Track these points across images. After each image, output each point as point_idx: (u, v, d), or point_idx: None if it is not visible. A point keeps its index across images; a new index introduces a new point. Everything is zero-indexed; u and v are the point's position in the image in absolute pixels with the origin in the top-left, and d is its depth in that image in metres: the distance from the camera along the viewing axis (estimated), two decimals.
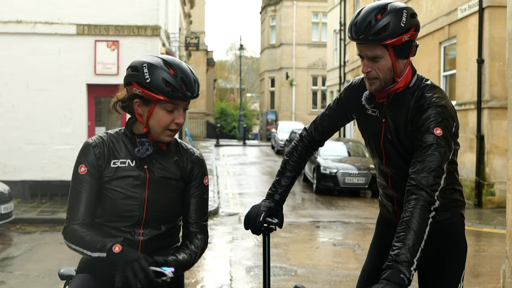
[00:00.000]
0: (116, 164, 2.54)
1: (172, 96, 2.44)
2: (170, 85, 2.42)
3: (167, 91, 2.42)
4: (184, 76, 2.46)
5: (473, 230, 11.70)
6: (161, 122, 2.49)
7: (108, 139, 2.59)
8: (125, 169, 2.54)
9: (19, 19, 14.30)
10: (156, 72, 2.44)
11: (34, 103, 14.25)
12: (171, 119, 2.49)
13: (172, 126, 2.51)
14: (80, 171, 2.52)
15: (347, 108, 3.06)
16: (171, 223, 2.64)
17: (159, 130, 2.51)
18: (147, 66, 2.48)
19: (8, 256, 9.02)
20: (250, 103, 63.76)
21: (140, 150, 2.53)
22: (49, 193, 14.31)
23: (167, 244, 2.65)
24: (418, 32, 2.74)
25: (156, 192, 2.56)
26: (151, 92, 2.44)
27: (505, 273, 5.92)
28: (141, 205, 2.53)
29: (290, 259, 8.97)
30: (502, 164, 13.55)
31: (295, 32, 42.95)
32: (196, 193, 2.69)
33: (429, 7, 17.57)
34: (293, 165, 3.14)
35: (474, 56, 14.32)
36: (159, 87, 2.42)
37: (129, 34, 14.49)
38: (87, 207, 2.51)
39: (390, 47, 2.67)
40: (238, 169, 22.57)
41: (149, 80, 2.44)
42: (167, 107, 2.47)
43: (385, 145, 2.86)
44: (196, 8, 44.02)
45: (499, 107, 13.66)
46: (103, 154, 2.54)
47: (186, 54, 29.47)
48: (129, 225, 2.53)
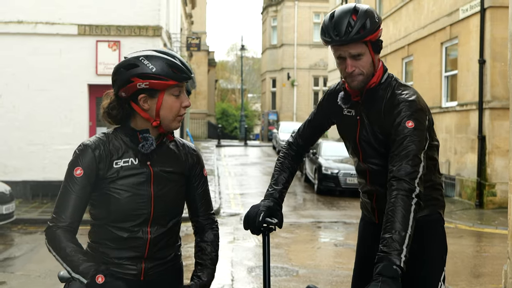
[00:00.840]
0: (119, 164, 2.51)
1: (180, 79, 2.45)
2: (175, 68, 2.43)
3: (175, 74, 2.43)
4: (178, 58, 2.49)
5: (475, 230, 11.69)
6: (173, 109, 2.49)
7: (107, 140, 2.55)
8: (128, 168, 2.51)
9: (20, 20, 14.31)
10: (158, 61, 2.44)
11: (35, 103, 14.25)
12: (180, 104, 2.51)
13: (182, 111, 2.52)
14: (76, 173, 2.49)
15: (327, 113, 3.19)
16: (176, 218, 2.65)
17: (171, 117, 2.50)
18: (145, 58, 2.45)
19: (9, 257, 9.02)
20: (252, 104, 63.77)
21: (144, 145, 2.50)
22: (50, 194, 14.31)
23: (171, 241, 2.65)
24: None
25: (161, 187, 2.55)
26: (160, 80, 2.42)
27: (506, 274, 5.91)
28: (149, 202, 2.51)
29: (292, 259, 8.96)
30: (503, 164, 13.54)
31: (297, 32, 42.93)
32: (200, 185, 2.72)
33: (430, 7, 17.55)
34: (288, 166, 3.24)
35: (476, 56, 14.31)
36: (168, 73, 2.42)
37: (131, 35, 14.50)
38: (75, 210, 2.47)
39: (369, 44, 2.83)
40: (239, 170, 22.57)
41: (155, 69, 2.42)
42: (174, 91, 2.48)
43: (361, 141, 2.97)
44: (197, 9, 44.02)
45: (500, 107, 13.65)
46: (104, 156, 2.50)
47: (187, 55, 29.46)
48: (136, 224, 2.51)
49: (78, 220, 2.49)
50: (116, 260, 2.52)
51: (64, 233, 2.43)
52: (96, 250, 2.57)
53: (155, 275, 2.58)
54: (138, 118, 2.54)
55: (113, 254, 2.52)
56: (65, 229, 2.44)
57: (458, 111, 15.50)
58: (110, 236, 2.51)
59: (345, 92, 2.99)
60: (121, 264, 2.52)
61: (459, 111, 15.41)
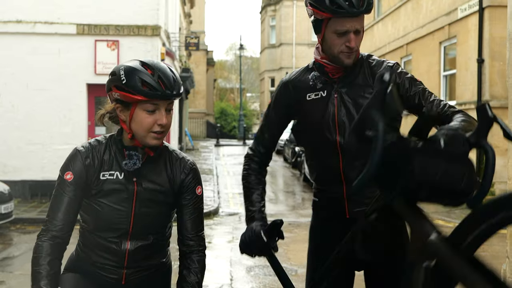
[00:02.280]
0: (105, 176, 2.47)
1: (150, 96, 2.35)
2: (147, 84, 2.34)
3: (144, 90, 2.34)
4: (161, 74, 2.38)
5: None
6: (143, 124, 2.39)
7: (98, 149, 2.51)
8: (112, 182, 2.47)
9: (19, 19, 14.30)
10: (132, 73, 2.36)
11: (34, 103, 14.25)
12: (153, 121, 2.39)
13: (156, 128, 2.40)
14: (66, 177, 2.45)
15: (286, 105, 2.96)
16: (159, 233, 2.60)
17: (142, 133, 2.41)
18: (123, 68, 2.40)
19: (8, 256, 9.02)
20: (250, 103, 63.75)
21: (127, 163, 2.46)
22: (49, 193, 14.30)
23: (156, 252, 2.62)
24: None
25: (144, 205, 2.50)
26: (128, 93, 2.36)
27: (505, 273, 5.92)
28: (128, 219, 2.48)
29: (291, 258, 8.96)
30: (502, 163, 13.54)
31: (295, 32, 42.95)
32: (189, 203, 2.61)
33: (429, 6, 17.57)
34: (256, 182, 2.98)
35: (474, 56, 14.32)
36: (136, 87, 2.34)
37: (129, 34, 14.50)
38: (67, 213, 2.43)
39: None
40: (238, 169, 22.56)
41: (125, 81, 2.36)
42: (147, 107, 2.38)
43: (340, 119, 2.75)
44: (196, 8, 44.02)
45: (499, 106, 13.65)
46: (93, 166, 2.47)
47: (186, 54, 29.46)
48: (116, 236, 2.50)
49: (69, 224, 2.45)
50: (99, 264, 2.54)
51: (49, 245, 2.41)
52: (82, 251, 2.60)
53: (137, 280, 2.58)
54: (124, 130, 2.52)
55: (96, 258, 2.54)
56: (51, 240, 2.41)
57: None
58: (94, 241, 2.52)
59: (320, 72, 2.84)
60: (103, 268, 2.54)
61: None
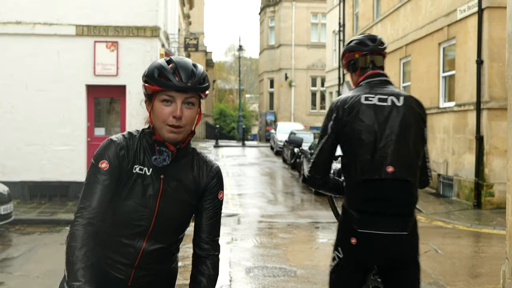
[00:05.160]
0: (136, 170, 2.46)
1: (163, 85, 2.38)
2: (163, 74, 2.39)
3: (159, 80, 2.39)
4: (179, 66, 2.41)
5: (473, 231, 11.71)
6: (159, 115, 2.41)
7: (131, 141, 2.50)
8: (141, 176, 2.46)
9: (18, 20, 14.30)
10: (153, 65, 2.44)
11: (33, 104, 14.25)
12: (169, 112, 2.40)
13: (170, 120, 2.40)
14: (101, 166, 2.41)
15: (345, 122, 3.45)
16: (175, 237, 2.59)
17: (158, 124, 2.42)
18: (151, 64, 2.48)
19: (7, 257, 9.01)
20: (249, 104, 63.78)
21: (157, 159, 2.45)
22: (48, 194, 14.31)
23: (167, 256, 2.61)
24: None
25: (168, 204, 2.49)
26: (147, 83, 2.43)
27: (505, 274, 5.92)
28: (150, 216, 2.47)
29: (290, 260, 8.96)
30: (501, 165, 13.55)
31: (294, 33, 42.95)
32: (210, 207, 2.59)
33: (428, 8, 17.58)
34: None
35: (474, 57, 14.33)
36: (152, 77, 2.40)
37: (129, 35, 14.50)
38: (102, 201, 2.39)
39: None
40: (237, 170, 22.56)
41: (146, 72, 2.44)
42: (162, 98, 2.40)
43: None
44: (195, 9, 44.03)
45: (498, 108, 13.66)
46: (126, 158, 2.46)
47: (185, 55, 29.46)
48: (133, 233, 2.47)
49: (103, 214, 2.40)
50: (110, 261, 2.51)
51: (85, 233, 2.34)
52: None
53: (144, 283, 2.56)
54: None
55: (106, 253, 2.50)
56: (86, 227, 2.35)
57: (456, 112, 15.51)
58: (107, 237, 2.48)
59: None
60: (113, 265, 2.51)
61: (457, 112, 15.42)
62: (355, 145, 3.22)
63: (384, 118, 3.25)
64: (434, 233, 11.53)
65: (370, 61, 3.49)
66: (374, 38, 3.55)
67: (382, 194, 3.16)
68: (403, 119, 3.26)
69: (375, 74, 3.45)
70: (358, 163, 3.20)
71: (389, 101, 3.29)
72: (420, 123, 3.37)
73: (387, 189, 3.17)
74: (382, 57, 3.54)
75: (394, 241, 3.16)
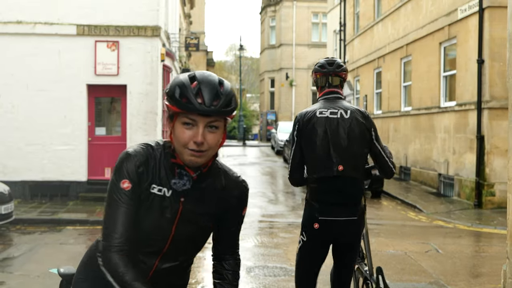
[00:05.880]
0: (154, 190, 2.29)
1: (183, 108, 2.17)
2: (184, 95, 2.17)
3: (180, 101, 2.18)
4: (203, 87, 2.19)
5: (473, 230, 11.70)
6: (179, 139, 2.21)
7: (152, 157, 2.31)
8: (159, 198, 2.30)
9: (19, 20, 14.31)
10: (175, 84, 2.22)
11: (34, 103, 14.25)
12: (189, 136, 2.20)
13: (191, 145, 2.20)
14: (123, 186, 2.24)
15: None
16: (191, 255, 2.50)
17: (178, 148, 2.24)
18: (174, 79, 2.27)
19: (8, 257, 9.01)
20: (250, 104, 63.79)
21: (177, 183, 2.30)
22: (49, 194, 14.32)
23: (180, 273, 2.52)
24: None
25: (186, 227, 2.36)
26: (169, 104, 2.22)
27: (505, 274, 5.92)
28: (166, 239, 2.35)
29: (290, 259, 8.95)
30: (502, 164, 13.55)
31: (295, 32, 42.95)
32: (234, 223, 2.50)
33: (429, 7, 17.57)
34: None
35: (474, 56, 14.32)
36: (173, 98, 2.19)
37: (129, 35, 14.50)
38: (127, 225, 2.24)
39: None
40: (237, 170, 22.51)
41: (168, 91, 2.23)
42: (183, 120, 2.20)
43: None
44: (196, 9, 44.01)
45: (499, 107, 13.65)
46: (145, 175, 2.28)
47: (186, 55, 29.46)
48: (146, 252, 2.36)
49: (130, 236, 2.26)
50: None
51: (120, 258, 2.22)
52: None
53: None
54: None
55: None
56: (119, 253, 2.23)
57: (456, 111, 15.51)
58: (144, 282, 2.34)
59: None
60: None
61: (458, 111, 15.42)
62: (313, 149, 4.05)
63: (334, 127, 4.05)
64: (434, 232, 11.53)
65: (327, 81, 4.27)
66: (333, 62, 4.32)
67: (335, 188, 4.00)
68: (349, 128, 4.04)
69: (330, 92, 4.24)
70: (315, 164, 4.05)
71: (339, 114, 4.09)
72: (364, 130, 4.09)
73: (338, 184, 4.00)
74: (339, 78, 4.28)
75: (346, 224, 4.02)
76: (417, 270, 8.17)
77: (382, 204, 15.62)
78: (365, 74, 25.59)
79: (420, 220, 12.99)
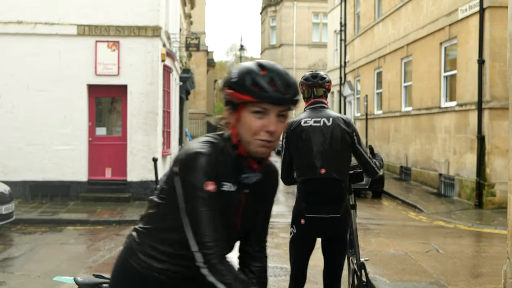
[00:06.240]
0: (225, 187, 2.22)
1: (258, 96, 2.12)
2: (257, 84, 2.13)
3: (253, 90, 2.13)
4: (275, 76, 2.15)
5: (474, 230, 11.70)
6: (250, 128, 2.15)
7: (220, 154, 2.22)
8: (226, 193, 2.22)
9: (19, 20, 14.31)
10: (244, 72, 2.17)
11: (34, 103, 14.25)
12: (261, 126, 2.14)
13: (263, 135, 2.15)
14: (209, 189, 2.13)
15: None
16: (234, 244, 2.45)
17: (248, 138, 2.17)
18: (238, 67, 2.23)
19: (9, 257, 9.01)
20: None
21: (249, 177, 2.25)
22: (49, 194, 14.32)
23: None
24: None
25: (246, 220, 2.33)
26: (237, 92, 2.15)
27: (506, 274, 5.91)
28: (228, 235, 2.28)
29: None
30: (503, 164, 13.55)
31: (296, 32, 42.96)
32: (268, 210, 2.45)
33: (429, 7, 17.57)
34: None
35: (475, 56, 14.32)
36: (245, 86, 2.13)
37: (130, 35, 14.50)
38: (219, 230, 2.16)
39: None
40: None
41: (236, 79, 2.16)
42: (255, 109, 2.15)
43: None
44: (196, 9, 44.01)
45: (499, 107, 13.65)
46: (218, 173, 2.19)
47: (186, 55, 29.45)
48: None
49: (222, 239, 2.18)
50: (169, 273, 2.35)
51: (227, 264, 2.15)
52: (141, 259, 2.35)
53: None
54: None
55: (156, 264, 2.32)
56: (221, 260, 2.14)
57: (457, 111, 15.51)
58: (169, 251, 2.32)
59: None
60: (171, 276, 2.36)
61: (458, 111, 15.41)
62: (299, 155, 4.52)
63: (317, 134, 4.46)
64: (435, 232, 11.52)
65: (311, 92, 4.68)
66: (316, 75, 4.73)
67: (319, 189, 4.39)
68: (331, 134, 4.44)
69: (315, 102, 4.67)
70: (302, 167, 4.49)
71: (321, 122, 4.50)
72: (346, 135, 4.47)
73: (322, 185, 4.39)
74: (322, 89, 4.67)
75: (330, 221, 4.39)
76: (418, 270, 8.16)
77: (383, 204, 15.62)
78: (365, 74, 25.60)
79: (421, 220, 12.98)
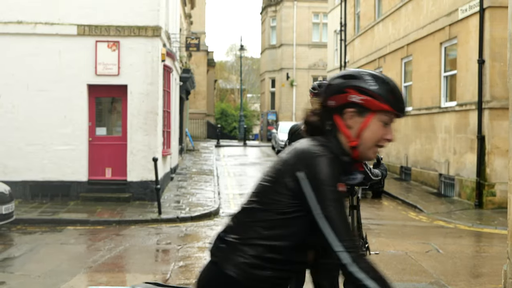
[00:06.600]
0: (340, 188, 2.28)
1: (396, 108, 2.28)
2: (395, 95, 2.28)
3: (392, 101, 2.26)
4: (398, 90, 2.32)
5: (474, 230, 11.70)
6: (375, 135, 2.28)
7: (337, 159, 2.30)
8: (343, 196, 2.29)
9: (19, 20, 14.30)
10: (380, 81, 2.28)
11: (35, 103, 14.25)
12: (383, 134, 2.30)
13: (382, 141, 2.31)
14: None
15: None
16: None
17: (370, 144, 2.30)
18: (369, 75, 2.30)
19: (9, 257, 9.01)
20: (251, 104, 63.77)
21: (356, 178, 2.37)
22: (49, 194, 14.31)
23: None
24: None
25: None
26: (376, 100, 2.25)
27: (506, 274, 5.91)
28: None
29: None
30: (503, 164, 13.54)
31: (296, 32, 42.93)
32: None
33: (429, 7, 17.57)
34: None
35: (475, 56, 14.32)
36: (386, 96, 2.25)
37: (130, 35, 14.50)
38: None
39: None
40: (238, 170, 22.55)
41: (376, 87, 2.26)
42: (383, 119, 2.28)
43: None
44: (196, 9, 44.00)
45: (499, 107, 13.65)
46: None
47: (186, 55, 29.46)
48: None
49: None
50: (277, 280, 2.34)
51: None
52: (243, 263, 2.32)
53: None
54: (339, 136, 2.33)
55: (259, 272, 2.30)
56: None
57: (457, 111, 15.51)
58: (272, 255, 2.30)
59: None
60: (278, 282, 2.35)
61: (459, 111, 15.42)
62: None
63: None
64: (435, 232, 11.52)
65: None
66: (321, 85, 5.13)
67: None
68: None
69: None
70: None
71: None
72: None
73: None
74: None
75: None
76: (418, 270, 8.16)
77: (383, 204, 15.62)
78: None
79: (421, 220, 12.98)
